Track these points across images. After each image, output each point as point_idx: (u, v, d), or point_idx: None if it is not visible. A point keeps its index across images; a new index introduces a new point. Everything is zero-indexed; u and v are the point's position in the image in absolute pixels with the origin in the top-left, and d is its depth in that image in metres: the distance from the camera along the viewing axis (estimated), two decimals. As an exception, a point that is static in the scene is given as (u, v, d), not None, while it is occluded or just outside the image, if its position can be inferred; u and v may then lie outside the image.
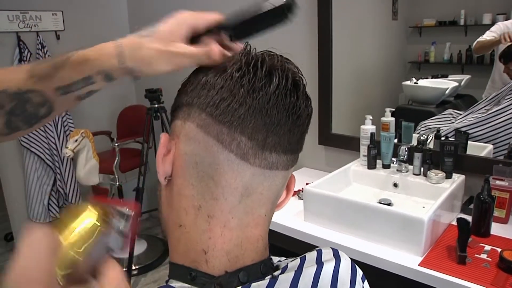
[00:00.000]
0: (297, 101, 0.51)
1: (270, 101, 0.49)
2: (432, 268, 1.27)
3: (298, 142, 0.54)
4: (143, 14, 3.19)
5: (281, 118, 0.50)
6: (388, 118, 1.79)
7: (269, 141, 0.50)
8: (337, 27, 2.02)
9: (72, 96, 0.59)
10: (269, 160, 0.50)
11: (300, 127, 0.52)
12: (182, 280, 0.51)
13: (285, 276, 0.53)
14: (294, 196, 1.89)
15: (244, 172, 0.50)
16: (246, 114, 0.48)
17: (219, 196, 0.50)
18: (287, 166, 0.53)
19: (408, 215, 1.34)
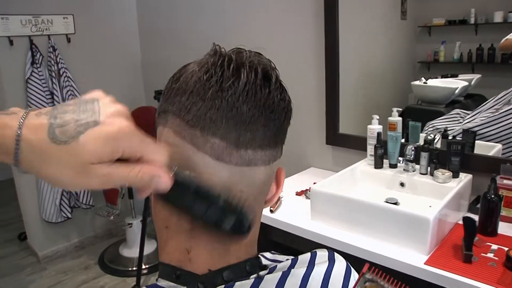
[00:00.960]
0: (269, 95, 0.50)
1: (239, 98, 0.49)
2: (437, 267, 1.27)
3: (276, 135, 0.53)
4: (152, 18, 3.22)
5: (253, 114, 0.49)
6: (395, 117, 1.79)
7: (242, 138, 0.49)
8: (344, 27, 2.02)
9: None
10: (245, 157, 0.50)
11: (276, 120, 0.51)
12: (168, 279, 0.52)
13: (272, 276, 0.53)
14: (301, 195, 1.90)
15: (221, 172, 0.50)
16: (216, 116, 0.48)
17: None
18: (268, 161, 0.53)
19: (414, 214, 1.34)
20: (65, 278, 3.03)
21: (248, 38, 2.50)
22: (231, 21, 2.59)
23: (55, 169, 0.39)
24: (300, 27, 2.20)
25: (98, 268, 3.14)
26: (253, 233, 0.56)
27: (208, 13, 2.73)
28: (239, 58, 0.51)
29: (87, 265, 3.18)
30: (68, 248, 3.34)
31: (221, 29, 2.65)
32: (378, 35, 2.24)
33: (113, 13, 3.27)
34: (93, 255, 3.30)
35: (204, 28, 2.78)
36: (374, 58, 2.27)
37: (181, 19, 2.95)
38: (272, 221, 1.71)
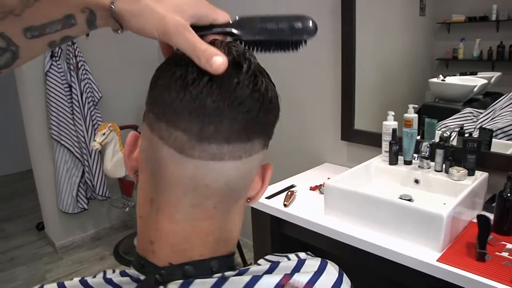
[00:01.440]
0: (237, 86, 0.47)
1: (203, 90, 0.46)
2: (450, 264, 1.26)
3: (247, 129, 0.49)
4: None
5: (218, 107, 0.46)
6: (411, 114, 1.78)
7: (205, 132, 0.47)
8: (361, 23, 2.01)
9: (44, 41, 0.48)
10: (209, 151, 0.48)
11: (246, 113, 0.48)
12: (135, 267, 0.53)
13: (238, 279, 0.50)
14: (315, 190, 1.90)
15: (186, 166, 0.48)
16: (179, 108, 0.47)
17: (164, 190, 0.50)
18: (239, 156, 0.50)
19: (427, 211, 1.34)
20: (81, 268, 3.08)
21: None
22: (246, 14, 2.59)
23: (145, 21, 0.47)
24: (317, 21, 2.19)
25: (113, 259, 3.18)
26: (226, 231, 0.54)
27: (227, 7, 2.74)
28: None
29: (103, 256, 3.23)
30: (84, 239, 3.39)
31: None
32: (396, 31, 2.22)
33: None
34: (108, 246, 3.35)
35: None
36: (391, 54, 2.25)
37: None
38: (285, 215, 1.72)
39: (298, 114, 2.42)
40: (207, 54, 0.46)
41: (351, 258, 1.56)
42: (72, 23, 0.47)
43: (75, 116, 2.99)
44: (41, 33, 0.47)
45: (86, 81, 3.00)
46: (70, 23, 0.47)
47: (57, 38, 0.48)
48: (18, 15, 0.45)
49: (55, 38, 0.48)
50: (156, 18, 0.46)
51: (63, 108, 2.95)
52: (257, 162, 0.54)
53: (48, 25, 0.46)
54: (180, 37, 0.47)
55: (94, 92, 3.07)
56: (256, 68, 0.50)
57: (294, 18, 0.54)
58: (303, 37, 0.55)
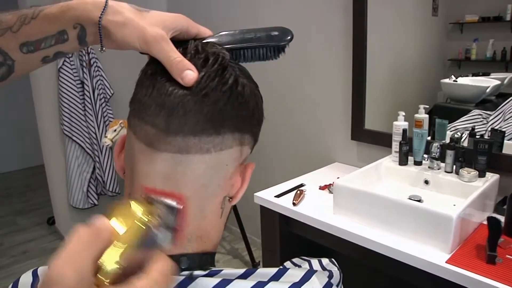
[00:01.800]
0: (202, 78, 0.48)
1: (169, 84, 0.48)
2: (459, 266, 1.26)
3: (215, 121, 0.49)
4: (183, 8, 3.25)
5: (183, 99, 0.48)
6: (421, 115, 1.77)
7: (171, 125, 0.48)
8: (373, 22, 2.00)
9: (38, 56, 0.52)
10: (175, 144, 0.48)
11: (211, 105, 0.48)
12: None
13: (207, 280, 0.49)
14: (324, 189, 1.90)
15: (155, 159, 0.49)
16: (148, 103, 0.49)
17: (137, 184, 0.51)
18: (206, 149, 0.49)
19: (436, 212, 1.33)
20: (91, 262, 3.10)
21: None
22: (260, 13, 2.59)
23: (128, 15, 0.51)
24: (328, 20, 2.19)
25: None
26: (200, 228, 0.53)
27: (239, 4, 2.74)
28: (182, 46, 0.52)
29: (112, 251, 3.25)
30: (94, 234, 3.42)
31: (252, 20, 2.66)
32: (408, 31, 2.21)
33: (143, 3, 3.31)
34: (118, 241, 3.37)
35: (235, 20, 2.80)
36: (403, 54, 2.24)
37: (212, 11, 2.97)
38: (294, 214, 1.72)
39: (308, 114, 2.42)
40: (180, 66, 0.48)
41: (360, 258, 1.56)
42: (64, 39, 0.51)
43: (87, 113, 3.02)
44: (36, 48, 0.51)
45: (98, 78, 3.03)
46: (62, 38, 0.51)
47: (51, 53, 0.53)
48: (15, 31, 0.50)
49: (48, 54, 0.52)
50: (138, 29, 0.50)
51: (75, 104, 2.97)
52: (230, 158, 0.53)
53: (43, 40, 0.51)
54: (157, 47, 0.50)
55: (106, 89, 3.09)
56: (227, 64, 0.51)
57: (271, 28, 0.57)
58: (280, 43, 0.57)
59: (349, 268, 0.74)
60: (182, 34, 0.54)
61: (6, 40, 0.50)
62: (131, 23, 0.50)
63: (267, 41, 0.57)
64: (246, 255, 2.91)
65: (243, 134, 0.53)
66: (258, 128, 0.57)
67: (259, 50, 0.58)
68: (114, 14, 0.50)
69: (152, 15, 0.52)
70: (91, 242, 0.35)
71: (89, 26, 0.51)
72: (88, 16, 0.50)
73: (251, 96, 0.53)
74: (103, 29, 0.51)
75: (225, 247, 3.18)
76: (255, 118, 0.55)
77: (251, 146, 0.57)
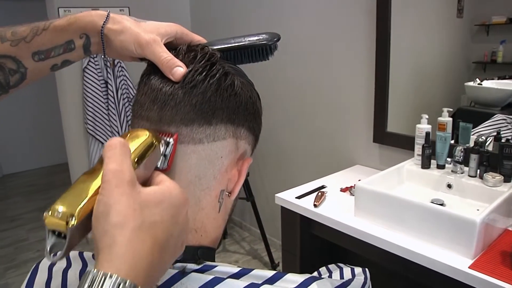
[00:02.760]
0: (189, 72, 0.52)
1: (161, 81, 0.52)
2: (483, 272, 1.24)
3: (204, 111, 0.51)
4: (205, 12, 3.28)
5: (172, 92, 0.51)
6: (445, 118, 1.75)
7: (164, 116, 0.51)
8: (397, 24, 1.99)
9: (48, 64, 0.58)
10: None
11: (200, 95, 0.51)
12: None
13: (199, 276, 0.49)
14: (346, 192, 1.90)
15: None
16: (143, 100, 0.53)
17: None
18: (199, 140, 0.52)
19: (460, 216, 1.31)
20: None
21: (299, 34, 2.50)
22: (283, 15, 2.60)
23: (126, 24, 0.56)
24: (352, 23, 2.19)
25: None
26: (195, 220, 0.54)
27: (261, 6, 2.75)
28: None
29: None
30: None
31: (274, 22, 2.67)
32: (432, 33, 2.18)
33: (166, 5, 3.36)
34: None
35: (256, 21, 2.81)
36: (426, 56, 2.22)
37: (234, 14, 2.99)
38: (315, 216, 1.72)
39: (331, 116, 2.42)
40: (170, 64, 0.52)
41: (380, 261, 1.55)
42: (71, 48, 0.57)
43: (110, 112, 3.07)
44: (47, 56, 0.57)
45: (122, 77, 3.08)
46: (70, 47, 0.57)
47: (59, 61, 0.58)
48: (29, 41, 0.56)
49: (57, 62, 0.58)
50: (133, 35, 0.55)
51: (99, 103, 3.03)
52: (225, 150, 0.54)
53: (53, 49, 0.57)
54: (150, 49, 0.54)
55: (129, 89, 3.14)
56: (216, 61, 0.54)
57: (260, 32, 0.62)
58: (267, 42, 0.61)
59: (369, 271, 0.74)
60: (176, 41, 0.59)
61: (20, 49, 0.56)
62: (128, 30, 0.56)
63: (255, 42, 0.61)
64: (265, 256, 2.92)
65: (237, 127, 0.55)
66: (254, 123, 0.59)
67: (249, 50, 0.61)
68: (114, 23, 0.56)
69: (148, 24, 0.57)
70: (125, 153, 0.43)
71: (93, 36, 0.57)
72: (93, 26, 0.56)
73: (242, 90, 0.55)
74: (105, 36, 0.56)
75: (244, 248, 3.19)
76: (250, 113, 0.57)
77: (249, 142, 0.59)
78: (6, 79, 0.57)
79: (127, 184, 0.40)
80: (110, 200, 0.39)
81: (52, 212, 0.40)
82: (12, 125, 4.92)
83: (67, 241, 0.39)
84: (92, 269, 0.36)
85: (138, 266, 0.38)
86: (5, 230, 3.70)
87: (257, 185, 3.05)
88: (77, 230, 0.40)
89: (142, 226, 0.39)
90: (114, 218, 0.38)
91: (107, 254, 0.37)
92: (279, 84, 2.70)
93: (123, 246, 0.38)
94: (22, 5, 4.69)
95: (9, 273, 3.02)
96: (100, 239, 0.38)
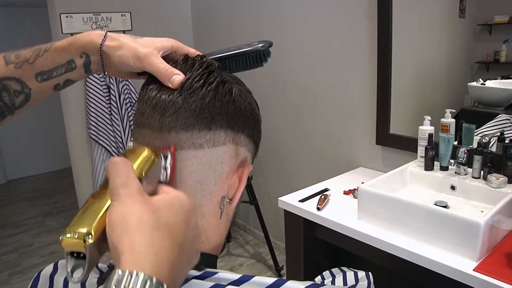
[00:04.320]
0: (188, 80, 0.53)
1: (160, 89, 0.54)
2: (488, 275, 1.23)
3: (203, 116, 0.53)
4: (206, 17, 3.28)
5: (172, 99, 0.52)
6: (448, 119, 1.74)
7: (165, 122, 0.52)
8: (398, 24, 1.98)
9: (51, 84, 0.61)
10: (169, 140, 0.52)
11: (199, 101, 0.52)
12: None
13: (200, 283, 0.49)
14: (349, 194, 1.89)
15: None
16: (143, 109, 0.54)
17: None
18: (199, 145, 0.53)
19: (464, 218, 1.31)
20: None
21: (301, 37, 2.50)
22: (286, 18, 2.60)
23: (123, 40, 0.58)
24: (353, 23, 2.18)
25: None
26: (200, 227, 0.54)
27: (262, 12, 2.76)
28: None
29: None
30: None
31: (274, 27, 2.67)
32: (434, 34, 2.18)
33: (168, 11, 3.37)
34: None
35: (257, 26, 2.81)
36: (429, 57, 2.21)
37: (236, 17, 2.99)
38: (319, 219, 1.72)
39: (333, 118, 2.41)
40: (168, 72, 0.54)
41: (384, 263, 1.54)
42: (72, 67, 0.60)
43: (113, 117, 3.07)
44: (49, 76, 0.60)
45: (124, 83, 3.08)
46: (71, 67, 0.60)
47: (61, 81, 0.61)
48: (32, 63, 0.58)
49: (59, 81, 0.61)
50: (131, 49, 0.58)
51: (101, 109, 3.03)
52: (225, 156, 0.55)
53: (55, 69, 0.59)
54: (148, 61, 0.57)
55: (132, 94, 3.14)
56: (214, 69, 0.55)
57: (253, 41, 0.65)
58: (260, 49, 0.64)
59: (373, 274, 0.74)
60: (172, 54, 0.61)
61: (24, 71, 0.58)
62: (126, 45, 0.58)
63: (248, 49, 0.63)
64: (269, 259, 2.92)
65: (237, 133, 0.56)
66: (254, 130, 0.60)
67: (244, 58, 0.63)
68: (112, 40, 0.59)
69: (144, 39, 0.60)
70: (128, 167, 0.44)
71: (93, 54, 0.59)
72: (92, 44, 0.58)
73: (241, 97, 0.56)
74: (104, 54, 0.59)
75: (248, 251, 3.18)
76: (249, 119, 0.58)
77: (249, 149, 0.59)
78: (12, 100, 0.59)
79: (137, 193, 0.41)
80: (123, 208, 0.40)
81: (67, 234, 0.40)
82: (16, 130, 4.93)
83: (88, 259, 0.40)
84: (116, 270, 0.36)
85: (161, 264, 0.38)
86: (9, 235, 3.71)
87: (260, 188, 3.05)
88: (95, 247, 0.40)
89: (159, 226, 0.40)
90: (131, 221, 0.39)
91: (130, 254, 0.37)
92: (282, 87, 2.70)
93: (144, 245, 0.38)
94: (25, 11, 4.71)
95: (13, 278, 3.02)
96: (118, 244, 0.38)
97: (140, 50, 0.57)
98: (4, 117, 0.61)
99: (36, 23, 4.60)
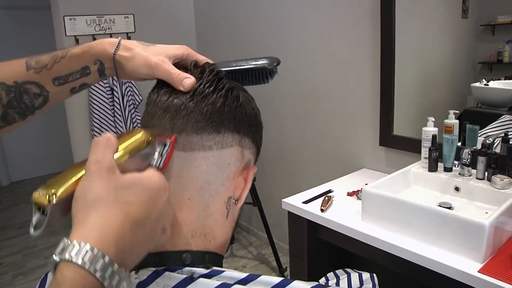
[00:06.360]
0: (199, 86, 0.55)
1: (172, 94, 0.56)
2: (493, 276, 1.23)
3: (213, 120, 0.55)
4: (209, 18, 3.29)
5: (183, 102, 0.55)
6: (451, 120, 1.74)
7: (176, 124, 0.54)
8: (401, 25, 1.98)
9: (67, 88, 0.65)
10: (180, 142, 0.54)
11: (210, 105, 0.55)
12: None
13: (207, 281, 0.50)
14: (353, 196, 1.89)
15: None
16: (154, 111, 0.56)
17: None
18: (209, 147, 0.55)
19: (468, 219, 1.30)
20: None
21: (304, 38, 2.50)
22: (286, 20, 2.60)
23: (135, 49, 0.61)
24: (355, 25, 2.18)
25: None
26: (204, 226, 0.56)
27: (266, 10, 2.76)
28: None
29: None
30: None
31: (277, 28, 2.67)
32: (437, 34, 2.18)
33: (171, 12, 3.37)
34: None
35: (260, 27, 2.81)
36: (432, 58, 2.21)
37: (238, 18, 2.99)
38: (322, 220, 1.72)
39: (336, 119, 2.41)
40: (179, 77, 0.56)
41: (388, 265, 1.54)
42: (87, 73, 0.64)
43: (116, 119, 3.08)
44: (65, 81, 0.64)
45: (128, 84, 3.09)
46: (86, 72, 0.64)
47: (77, 85, 0.65)
48: (49, 69, 0.63)
49: (75, 85, 0.65)
50: (143, 58, 0.60)
51: (105, 110, 3.04)
52: (232, 157, 0.58)
53: (70, 74, 0.64)
54: (160, 69, 0.58)
55: (135, 95, 3.15)
56: (223, 76, 0.58)
57: (262, 57, 0.66)
58: (267, 67, 0.65)
59: (377, 276, 0.74)
60: (183, 62, 0.62)
61: (42, 76, 0.63)
62: (138, 55, 0.60)
63: (256, 65, 0.65)
64: (273, 261, 2.91)
65: (242, 136, 0.58)
66: (257, 134, 0.62)
67: (250, 73, 0.65)
68: (125, 50, 0.61)
69: (156, 47, 0.62)
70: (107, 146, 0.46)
71: (106, 62, 0.62)
72: (105, 54, 0.62)
73: (246, 102, 0.59)
74: (117, 62, 0.62)
75: (252, 253, 3.18)
76: (253, 124, 0.60)
77: (253, 152, 0.62)
78: (32, 102, 0.64)
79: (105, 171, 0.44)
80: (87, 183, 0.44)
81: (39, 191, 0.45)
82: (19, 132, 4.94)
83: (47, 216, 0.44)
84: (64, 239, 0.40)
85: (108, 237, 0.41)
86: (13, 237, 3.72)
87: (264, 189, 3.05)
88: (57, 208, 0.44)
89: (115, 203, 0.43)
90: (90, 196, 0.43)
91: (80, 226, 0.42)
92: (286, 89, 2.70)
93: (94, 218, 0.42)
94: (29, 13, 4.72)
95: (17, 280, 3.03)
96: (75, 215, 0.43)
97: (151, 59, 0.59)
98: (26, 117, 0.66)
99: (40, 26, 4.61)
